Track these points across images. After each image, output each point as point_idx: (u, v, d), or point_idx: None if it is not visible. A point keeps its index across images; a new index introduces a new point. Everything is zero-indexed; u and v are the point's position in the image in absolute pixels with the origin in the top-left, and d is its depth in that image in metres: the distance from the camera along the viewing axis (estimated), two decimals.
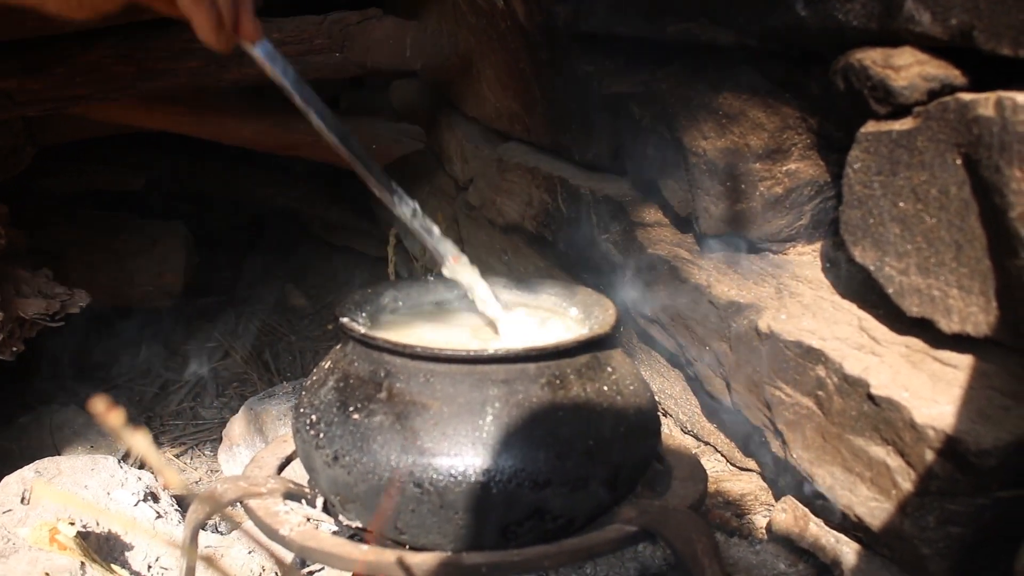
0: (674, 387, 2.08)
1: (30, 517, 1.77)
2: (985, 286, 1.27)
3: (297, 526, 1.30)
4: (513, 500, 1.22)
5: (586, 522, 1.29)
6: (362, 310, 1.46)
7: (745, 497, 1.85)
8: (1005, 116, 1.16)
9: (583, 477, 1.25)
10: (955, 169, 1.28)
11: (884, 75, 1.36)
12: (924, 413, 1.28)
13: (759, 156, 1.73)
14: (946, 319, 1.34)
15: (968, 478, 1.25)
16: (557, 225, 2.37)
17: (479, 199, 2.89)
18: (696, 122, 1.80)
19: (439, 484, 1.21)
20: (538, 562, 1.26)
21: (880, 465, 1.37)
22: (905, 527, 1.34)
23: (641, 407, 1.37)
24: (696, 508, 1.36)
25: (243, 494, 1.37)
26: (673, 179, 1.94)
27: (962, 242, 1.29)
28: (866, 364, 1.41)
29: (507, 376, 1.26)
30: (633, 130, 2.03)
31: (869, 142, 1.43)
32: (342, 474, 1.26)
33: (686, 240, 1.97)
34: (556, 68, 2.32)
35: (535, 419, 1.24)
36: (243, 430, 2.38)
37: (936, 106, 1.30)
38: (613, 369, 1.37)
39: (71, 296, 2.52)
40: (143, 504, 1.93)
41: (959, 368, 1.34)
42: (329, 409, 1.31)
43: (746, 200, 1.76)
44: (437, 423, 1.23)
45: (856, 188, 1.47)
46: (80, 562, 1.66)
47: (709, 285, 1.78)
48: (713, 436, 1.98)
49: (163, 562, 1.78)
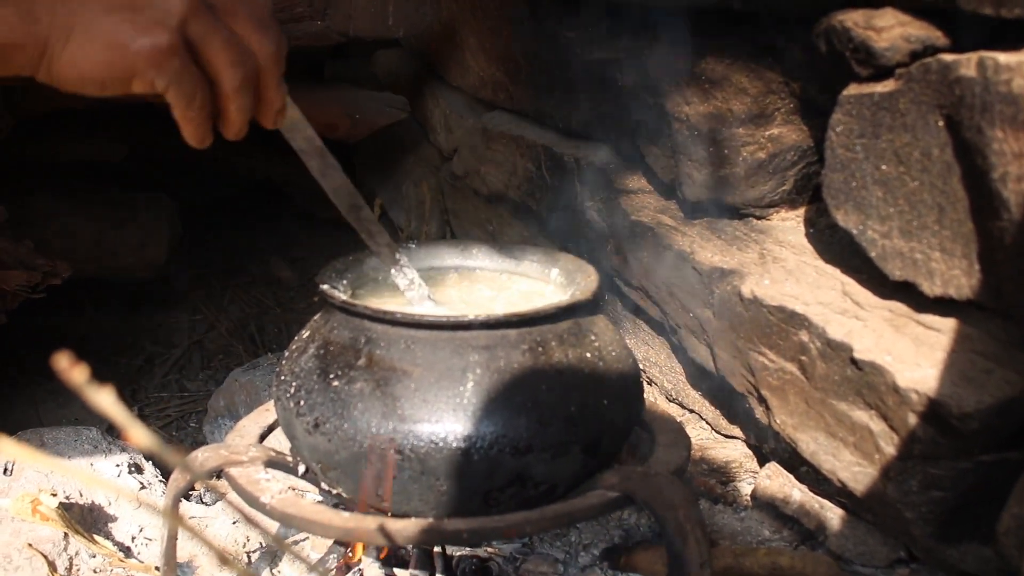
0: (659, 355, 2.07)
1: (12, 488, 1.76)
2: (968, 249, 1.27)
3: (278, 494, 1.29)
4: (495, 466, 1.21)
5: (568, 488, 1.29)
6: (343, 277, 1.45)
7: (730, 464, 1.85)
8: (987, 76, 1.15)
9: (565, 443, 1.25)
10: (937, 131, 1.27)
11: (866, 36, 1.35)
12: (907, 377, 1.28)
13: (742, 121, 1.72)
14: (929, 282, 1.34)
15: (951, 442, 1.26)
16: (541, 194, 2.36)
17: (464, 169, 2.87)
18: (679, 88, 1.79)
19: (420, 451, 1.20)
20: (520, 528, 1.25)
21: (863, 430, 1.37)
22: (888, 491, 1.34)
23: (624, 373, 1.36)
24: (679, 474, 1.36)
25: (224, 462, 1.36)
26: (656, 145, 1.93)
27: (944, 204, 1.29)
28: (849, 328, 1.41)
29: (488, 342, 1.26)
30: (616, 97, 2.02)
31: (851, 105, 1.42)
32: (323, 441, 1.25)
33: (670, 206, 1.96)
34: (539, 35, 2.30)
35: (516, 385, 1.24)
36: (228, 402, 2.38)
37: (918, 67, 1.29)
38: (596, 336, 1.36)
39: (53, 267, 2.50)
40: (127, 475, 1.92)
41: (942, 331, 1.34)
42: (309, 377, 1.30)
43: (729, 165, 1.76)
44: (418, 389, 1.22)
45: (838, 151, 1.46)
46: (63, 533, 1.66)
47: (692, 251, 1.77)
48: (698, 404, 1.98)
49: (147, 533, 1.78)
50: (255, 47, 1.08)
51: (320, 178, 1.30)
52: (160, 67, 1.01)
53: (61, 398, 2.76)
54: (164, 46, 1.00)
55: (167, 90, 1.03)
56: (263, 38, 1.08)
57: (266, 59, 1.09)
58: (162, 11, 1.01)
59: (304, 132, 1.25)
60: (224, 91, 1.07)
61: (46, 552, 1.63)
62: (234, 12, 1.07)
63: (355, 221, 1.37)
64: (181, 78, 1.03)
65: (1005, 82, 1.13)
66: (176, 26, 1.01)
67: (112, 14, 1.00)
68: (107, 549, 1.68)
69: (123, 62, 1.00)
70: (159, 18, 1.01)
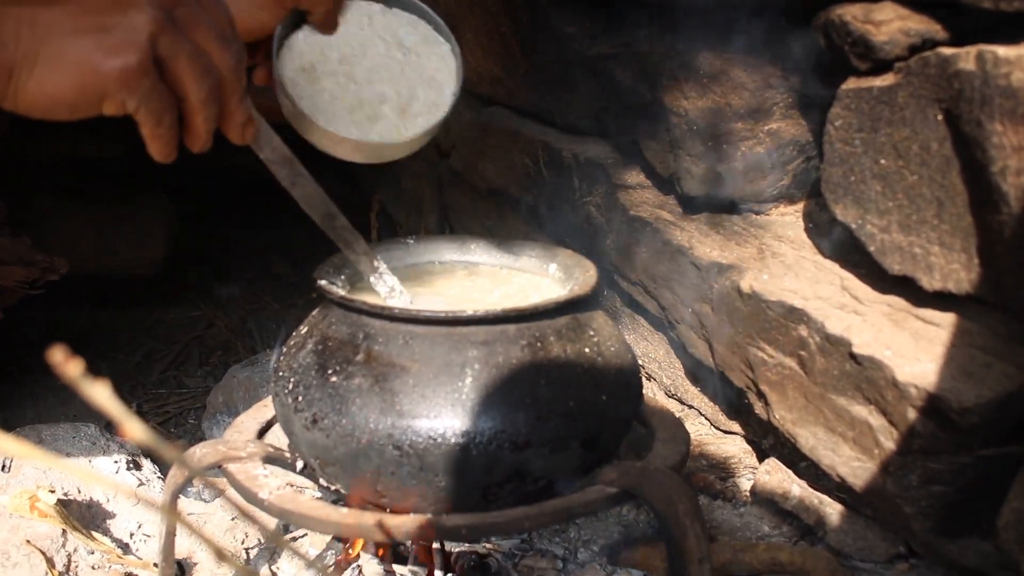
0: (658, 351, 2.07)
1: (11, 485, 1.76)
2: (967, 243, 1.26)
3: (277, 490, 1.29)
4: (493, 462, 1.21)
5: (567, 483, 1.29)
6: (341, 273, 1.45)
7: (729, 460, 1.85)
8: (986, 70, 1.15)
9: (563, 438, 1.24)
10: (936, 125, 1.27)
11: (865, 30, 1.35)
12: (906, 371, 1.28)
13: (741, 116, 1.72)
14: (928, 277, 1.34)
15: (950, 436, 1.25)
16: (539, 189, 2.36)
17: (462, 164, 2.87)
18: (677, 82, 1.79)
19: (418, 446, 1.20)
20: (519, 523, 1.25)
21: (862, 424, 1.37)
22: (888, 486, 1.34)
23: (623, 369, 1.36)
24: (678, 469, 1.36)
25: (222, 458, 1.36)
26: (655, 140, 1.93)
27: (943, 198, 1.28)
28: (848, 323, 1.40)
29: (486, 337, 1.25)
30: (614, 92, 2.02)
31: (850, 99, 1.41)
32: (321, 437, 1.25)
33: (668, 201, 1.96)
34: (537, 30, 2.30)
35: (515, 381, 1.24)
36: (227, 398, 2.38)
37: (917, 61, 1.29)
38: (595, 331, 1.36)
39: (51, 264, 2.50)
40: (125, 472, 1.92)
41: (941, 326, 1.34)
42: (307, 372, 1.30)
43: (728, 160, 1.75)
44: (416, 385, 1.22)
45: (837, 146, 1.46)
46: (61, 529, 1.65)
47: (691, 246, 1.77)
48: (697, 399, 1.97)
49: (145, 530, 1.77)
50: (217, 60, 1.06)
51: (290, 188, 1.29)
52: (131, 88, 1.00)
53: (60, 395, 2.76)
54: (134, 66, 0.99)
55: (137, 111, 1.02)
56: (224, 51, 1.07)
57: (228, 72, 1.08)
58: (130, 30, 0.99)
59: (271, 142, 1.24)
60: (191, 104, 1.06)
61: (44, 549, 1.62)
62: (196, 25, 1.05)
63: (330, 230, 1.36)
64: (151, 97, 1.01)
65: (1004, 75, 1.13)
66: (145, 45, 0.99)
67: (80, 37, 0.98)
68: (105, 546, 1.68)
69: (94, 84, 0.99)
70: (128, 38, 0.99)
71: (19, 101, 1.00)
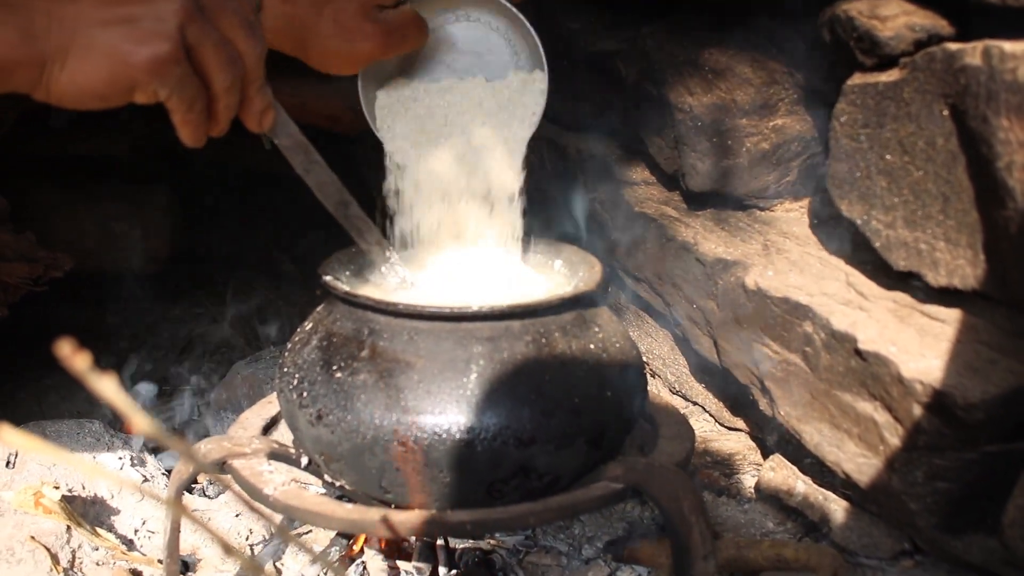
0: (662, 347, 2.07)
1: (15, 481, 1.76)
2: (972, 238, 1.26)
3: (281, 486, 1.29)
4: (498, 458, 1.21)
5: (572, 480, 1.29)
6: (346, 269, 1.45)
7: (733, 457, 1.85)
8: (992, 65, 1.15)
9: (569, 435, 1.24)
10: (942, 120, 1.27)
11: (870, 26, 1.35)
12: (911, 368, 1.28)
13: (746, 112, 1.72)
14: (933, 272, 1.33)
15: (956, 432, 1.25)
16: (544, 185, 2.35)
17: None
18: (682, 78, 1.79)
19: (423, 442, 1.20)
20: (524, 519, 1.25)
21: (868, 421, 1.36)
22: (893, 483, 1.34)
23: (627, 365, 1.36)
24: (683, 466, 1.36)
25: (227, 454, 1.36)
26: (660, 136, 1.92)
27: (949, 194, 1.28)
28: (853, 319, 1.40)
29: (491, 333, 1.25)
30: (619, 88, 2.02)
31: (855, 94, 1.41)
32: (325, 433, 1.25)
33: (673, 198, 1.95)
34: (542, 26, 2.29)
35: (520, 376, 1.23)
36: (231, 394, 2.38)
37: (923, 56, 1.29)
38: (599, 327, 1.36)
39: (55, 260, 2.50)
40: (129, 468, 1.92)
41: (946, 322, 1.34)
42: (312, 368, 1.30)
43: (733, 156, 1.75)
44: (421, 381, 1.22)
45: (843, 141, 1.45)
46: (66, 525, 1.65)
47: (696, 242, 1.77)
48: (701, 396, 1.97)
49: (150, 526, 1.77)
50: (242, 48, 1.07)
51: (304, 175, 1.30)
52: (162, 77, 1.01)
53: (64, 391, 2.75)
54: (164, 56, 1.00)
55: (169, 98, 1.03)
56: (249, 39, 1.08)
57: (252, 60, 1.09)
58: (158, 20, 1.00)
59: (287, 129, 1.24)
60: (215, 91, 1.06)
61: (49, 545, 1.62)
62: (221, 13, 1.05)
63: (343, 218, 1.36)
64: (183, 85, 1.02)
65: (1011, 70, 1.13)
66: (175, 33, 1.00)
67: (109, 28, 0.99)
68: (110, 542, 1.68)
69: (125, 75, 1.00)
70: (157, 28, 1.00)
71: (52, 93, 1.01)
